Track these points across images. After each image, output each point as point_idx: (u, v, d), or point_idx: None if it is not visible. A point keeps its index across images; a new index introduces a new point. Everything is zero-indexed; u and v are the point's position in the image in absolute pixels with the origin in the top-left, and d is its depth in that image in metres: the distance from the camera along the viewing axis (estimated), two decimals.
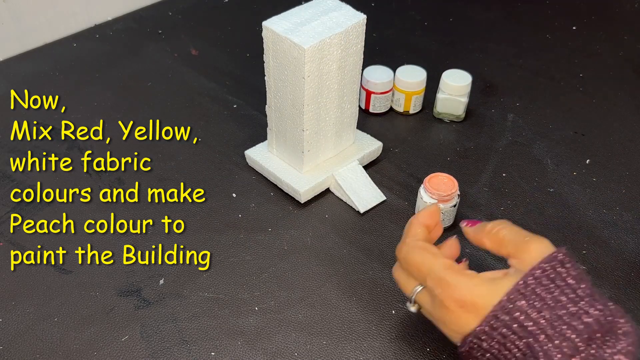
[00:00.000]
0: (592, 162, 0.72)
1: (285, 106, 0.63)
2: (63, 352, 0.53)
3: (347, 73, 0.62)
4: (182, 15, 0.99)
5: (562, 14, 1.01)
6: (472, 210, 0.66)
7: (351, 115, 0.67)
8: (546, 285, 0.41)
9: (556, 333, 0.39)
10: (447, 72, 0.76)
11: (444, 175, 0.62)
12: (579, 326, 0.39)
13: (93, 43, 0.93)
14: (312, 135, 0.64)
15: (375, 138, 0.72)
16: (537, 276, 0.41)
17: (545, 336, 0.40)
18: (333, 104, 0.64)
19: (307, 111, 0.61)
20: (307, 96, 0.60)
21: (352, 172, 0.68)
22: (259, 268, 0.60)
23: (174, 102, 0.81)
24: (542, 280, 0.41)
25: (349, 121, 0.67)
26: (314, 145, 0.65)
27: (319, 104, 0.62)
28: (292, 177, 0.66)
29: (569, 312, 0.40)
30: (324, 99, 0.62)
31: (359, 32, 0.60)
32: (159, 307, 0.56)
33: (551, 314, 0.40)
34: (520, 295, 0.41)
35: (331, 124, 0.65)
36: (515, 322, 0.41)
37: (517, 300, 0.41)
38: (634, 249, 0.62)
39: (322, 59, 0.58)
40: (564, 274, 0.41)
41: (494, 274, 0.45)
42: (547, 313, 0.40)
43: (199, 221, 0.65)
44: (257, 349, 0.53)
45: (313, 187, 0.66)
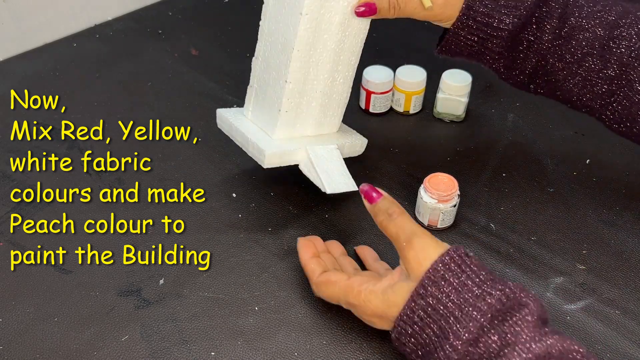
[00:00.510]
0: (592, 162, 0.72)
1: (274, 53, 0.59)
2: (63, 352, 0.53)
3: (348, 38, 0.59)
4: (182, 15, 0.99)
5: None
6: (472, 210, 0.66)
7: (341, 94, 0.64)
8: (454, 271, 0.46)
9: (463, 314, 0.44)
10: (447, 72, 0.76)
11: (444, 175, 0.62)
12: (483, 307, 0.44)
13: (93, 43, 0.93)
14: (295, 94, 0.59)
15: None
16: (446, 262, 0.46)
17: (454, 318, 0.44)
18: (325, 67, 0.60)
19: (295, 58, 0.57)
20: (299, 38, 0.56)
21: (328, 154, 0.63)
22: (259, 268, 0.60)
23: (174, 102, 0.81)
24: (451, 266, 0.46)
25: (337, 99, 0.64)
26: (294, 109, 0.61)
27: (309, 58, 0.58)
28: (260, 138, 0.61)
29: (474, 295, 0.45)
30: (317, 54, 0.58)
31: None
32: (159, 307, 0.56)
33: (458, 297, 0.45)
34: (431, 282, 0.46)
35: (318, 92, 0.61)
36: (429, 306, 0.46)
37: (429, 287, 0.46)
38: (634, 249, 0.62)
39: (326, 1, 0.56)
40: (468, 262, 0.47)
41: (392, 279, 0.50)
42: (455, 297, 0.45)
43: (199, 221, 0.65)
44: (257, 349, 0.53)
45: (280, 153, 0.60)
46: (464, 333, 0.43)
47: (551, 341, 0.42)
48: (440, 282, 0.46)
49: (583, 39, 0.57)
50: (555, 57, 0.58)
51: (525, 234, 0.63)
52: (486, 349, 0.43)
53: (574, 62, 0.58)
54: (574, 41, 0.57)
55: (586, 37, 0.57)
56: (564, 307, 0.56)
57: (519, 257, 0.61)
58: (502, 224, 0.64)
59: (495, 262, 0.60)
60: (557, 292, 0.58)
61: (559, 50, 0.58)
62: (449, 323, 0.44)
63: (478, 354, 0.43)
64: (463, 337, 0.43)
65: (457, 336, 0.44)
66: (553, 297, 0.57)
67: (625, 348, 0.53)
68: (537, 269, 0.60)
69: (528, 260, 0.61)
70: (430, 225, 0.63)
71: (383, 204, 0.52)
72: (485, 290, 0.45)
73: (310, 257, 0.56)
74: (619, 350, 0.53)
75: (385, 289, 0.49)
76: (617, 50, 0.56)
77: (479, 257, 0.60)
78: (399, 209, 0.52)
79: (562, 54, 0.58)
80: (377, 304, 0.49)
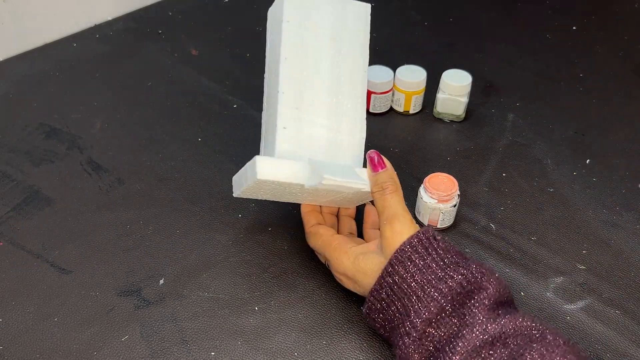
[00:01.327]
0: (592, 162, 0.72)
1: (272, 83, 0.56)
2: (63, 352, 0.53)
3: (346, 57, 0.57)
4: (182, 15, 0.99)
5: (562, 14, 1.01)
6: (472, 210, 0.66)
7: (352, 121, 0.57)
8: (420, 253, 0.48)
9: (425, 295, 0.47)
10: (447, 72, 0.76)
11: (444, 175, 0.62)
12: (444, 289, 0.46)
13: (93, 43, 0.93)
14: (291, 108, 0.54)
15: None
16: (413, 244, 0.49)
17: (416, 297, 0.47)
18: (323, 84, 0.55)
19: (284, 67, 0.54)
20: (285, 43, 0.54)
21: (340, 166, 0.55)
22: (259, 268, 0.60)
23: (174, 102, 0.81)
24: (418, 248, 0.49)
25: (348, 127, 0.57)
26: (294, 127, 0.54)
27: (302, 68, 0.55)
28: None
29: (436, 277, 0.47)
30: (309, 68, 0.55)
31: (359, 15, 0.57)
32: (159, 307, 0.56)
33: (422, 278, 0.47)
34: (398, 261, 0.48)
35: (321, 110, 0.55)
36: (395, 284, 0.48)
37: (396, 265, 0.48)
38: (634, 248, 0.62)
39: (309, 11, 0.55)
40: (435, 244, 0.49)
41: (367, 247, 0.53)
42: (419, 277, 0.47)
43: (199, 221, 0.65)
44: (257, 348, 0.53)
45: (275, 162, 0.51)
46: (424, 312, 0.46)
47: (504, 321, 0.44)
48: (407, 262, 0.48)
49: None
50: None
51: (525, 234, 0.63)
52: (446, 330, 0.46)
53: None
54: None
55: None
56: (564, 307, 0.57)
57: (519, 257, 0.61)
58: (502, 224, 0.64)
59: (495, 262, 0.60)
60: (557, 292, 0.58)
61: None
62: (412, 301, 0.47)
63: (438, 335, 0.46)
64: (423, 315, 0.46)
65: (418, 314, 0.46)
66: (553, 297, 0.57)
67: (625, 348, 0.53)
68: (537, 269, 0.60)
69: (528, 260, 0.61)
70: (430, 225, 0.63)
71: (381, 176, 0.53)
72: (447, 273, 0.47)
73: (309, 211, 0.60)
74: (619, 350, 0.53)
75: (358, 255, 0.52)
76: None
77: (482, 258, 0.60)
78: (393, 185, 0.53)
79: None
80: (348, 265, 0.53)
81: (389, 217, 0.51)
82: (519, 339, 0.44)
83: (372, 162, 0.54)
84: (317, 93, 0.56)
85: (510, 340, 0.44)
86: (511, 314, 0.45)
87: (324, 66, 0.56)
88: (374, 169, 0.54)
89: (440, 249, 0.49)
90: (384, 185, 0.53)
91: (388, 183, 0.53)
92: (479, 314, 0.45)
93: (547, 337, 0.44)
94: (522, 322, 0.45)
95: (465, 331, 0.44)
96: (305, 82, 0.55)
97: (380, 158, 0.54)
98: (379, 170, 0.54)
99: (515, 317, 0.45)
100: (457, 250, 0.50)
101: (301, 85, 0.55)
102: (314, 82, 0.56)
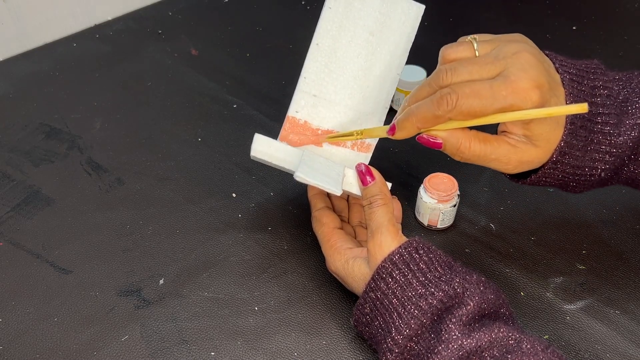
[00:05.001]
0: None
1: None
2: (63, 352, 0.53)
3: (381, 55, 0.57)
4: (182, 15, 0.99)
5: (562, 14, 1.00)
6: (472, 210, 0.66)
7: (370, 122, 0.58)
8: (401, 270, 0.48)
9: (406, 312, 0.47)
10: None
11: (444, 175, 0.62)
12: (424, 306, 0.46)
13: (93, 43, 0.93)
14: (309, 95, 0.55)
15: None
16: (394, 261, 0.49)
17: (397, 314, 0.47)
18: (348, 78, 0.56)
19: (313, 53, 0.54)
20: (320, 29, 0.54)
21: (326, 162, 0.56)
22: (259, 268, 0.60)
23: (174, 102, 0.81)
24: (399, 265, 0.48)
25: (362, 127, 0.58)
26: (306, 114, 0.56)
27: (331, 58, 0.55)
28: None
29: (417, 294, 0.47)
30: (339, 60, 0.55)
31: (409, 15, 0.56)
32: (159, 307, 0.56)
33: (402, 294, 0.47)
34: (380, 278, 0.49)
35: (340, 106, 0.57)
36: (377, 300, 0.49)
37: (378, 281, 0.49)
38: (634, 249, 0.62)
39: (354, 2, 0.55)
40: (417, 259, 0.49)
41: (360, 253, 0.53)
42: (399, 294, 0.48)
43: (199, 221, 0.65)
44: (257, 349, 0.53)
45: (270, 141, 0.54)
46: (405, 329, 0.46)
47: (479, 334, 0.44)
48: (388, 278, 0.49)
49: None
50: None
51: (525, 234, 0.63)
52: (425, 345, 0.46)
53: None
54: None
55: None
56: (564, 307, 0.56)
57: (519, 257, 0.61)
58: (502, 224, 0.64)
59: (495, 262, 0.60)
60: (557, 292, 0.58)
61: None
62: (393, 318, 0.47)
63: (417, 350, 0.46)
64: (404, 332, 0.46)
65: (398, 331, 0.47)
66: (553, 297, 0.57)
67: (625, 348, 0.53)
68: (537, 269, 0.60)
69: (528, 260, 0.61)
70: (430, 225, 0.63)
71: (370, 190, 0.54)
72: (428, 289, 0.47)
73: (316, 193, 0.60)
74: (619, 350, 0.53)
75: (349, 259, 0.53)
76: None
77: (481, 258, 0.60)
78: (382, 199, 0.53)
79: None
80: (338, 266, 0.54)
81: (373, 230, 0.51)
82: (495, 351, 0.44)
83: (360, 175, 0.55)
84: (340, 86, 0.56)
85: (486, 353, 0.44)
86: (487, 325, 0.45)
87: (354, 60, 0.56)
88: (363, 183, 0.55)
89: (422, 262, 0.49)
90: (372, 199, 0.53)
91: (377, 197, 0.53)
92: (455, 329, 0.45)
93: (523, 345, 0.44)
94: (498, 333, 0.44)
95: (441, 347, 0.44)
96: (330, 73, 0.56)
97: (368, 170, 0.55)
98: (368, 183, 0.54)
99: (491, 328, 0.45)
100: (443, 260, 0.49)
101: (326, 75, 0.55)
102: (339, 75, 0.56)
